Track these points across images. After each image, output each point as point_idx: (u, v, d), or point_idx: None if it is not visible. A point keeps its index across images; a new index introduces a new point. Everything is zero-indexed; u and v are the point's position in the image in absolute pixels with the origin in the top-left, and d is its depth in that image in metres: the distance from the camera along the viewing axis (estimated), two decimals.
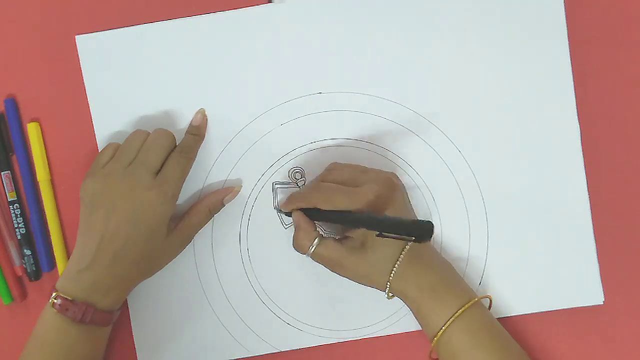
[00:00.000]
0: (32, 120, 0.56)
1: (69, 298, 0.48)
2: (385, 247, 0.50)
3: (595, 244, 0.56)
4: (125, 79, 0.56)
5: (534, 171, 0.55)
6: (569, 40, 0.55)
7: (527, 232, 0.55)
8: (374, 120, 0.56)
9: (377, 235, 0.46)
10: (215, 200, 0.54)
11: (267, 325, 0.56)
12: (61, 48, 0.56)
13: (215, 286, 0.56)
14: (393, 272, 0.49)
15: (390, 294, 0.51)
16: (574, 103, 0.55)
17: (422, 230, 0.44)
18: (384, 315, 0.56)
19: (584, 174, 0.56)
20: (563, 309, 0.55)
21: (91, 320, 0.48)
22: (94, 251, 0.48)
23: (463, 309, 0.49)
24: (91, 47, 0.56)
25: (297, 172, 0.56)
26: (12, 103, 0.56)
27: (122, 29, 0.55)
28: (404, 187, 0.54)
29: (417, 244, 0.45)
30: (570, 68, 0.55)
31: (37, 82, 0.56)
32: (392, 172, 0.53)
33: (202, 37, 0.55)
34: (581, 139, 0.56)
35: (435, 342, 0.49)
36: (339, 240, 0.51)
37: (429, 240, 0.44)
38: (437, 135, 0.55)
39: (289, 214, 0.54)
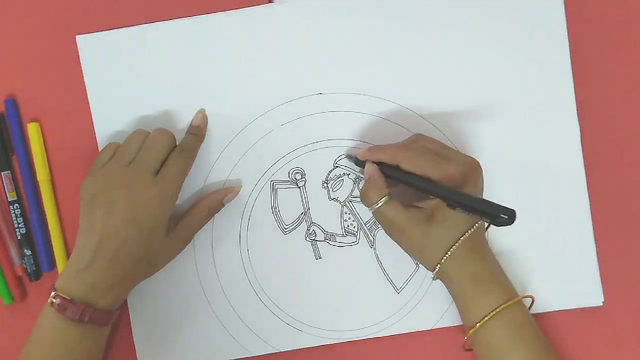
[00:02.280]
0: (32, 120, 0.56)
1: (68, 298, 0.48)
2: (447, 228, 0.49)
3: (595, 245, 0.56)
4: (125, 79, 0.56)
5: (534, 171, 0.55)
6: (569, 40, 0.55)
7: (527, 233, 0.55)
8: (374, 120, 0.56)
9: (452, 207, 0.46)
10: (215, 200, 0.54)
11: (266, 326, 0.56)
12: (62, 48, 0.56)
13: (215, 286, 0.56)
14: (449, 253, 0.49)
15: (436, 276, 0.50)
16: (574, 103, 0.55)
17: (507, 213, 0.43)
18: (383, 315, 0.56)
19: (584, 174, 0.56)
20: (563, 310, 0.55)
21: (90, 320, 0.48)
22: (94, 251, 0.48)
23: (507, 304, 0.49)
24: (92, 47, 0.56)
25: (297, 172, 0.56)
26: (13, 103, 0.56)
27: (122, 29, 0.56)
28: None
29: (478, 232, 0.46)
30: (570, 68, 0.55)
31: (37, 82, 0.56)
32: (475, 159, 0.51)
33: (203, 37, 0.55)
34: (581, 139, 0.56)
35: (472, 332, 0.50)
36: (406, 206, 0.50)
37: (510, 225, 0.44)
38: (437, 135, 0.55)
39: (359, 163, 0.53)
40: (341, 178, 0.56)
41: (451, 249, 0.49)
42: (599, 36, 0.56)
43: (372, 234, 0.56)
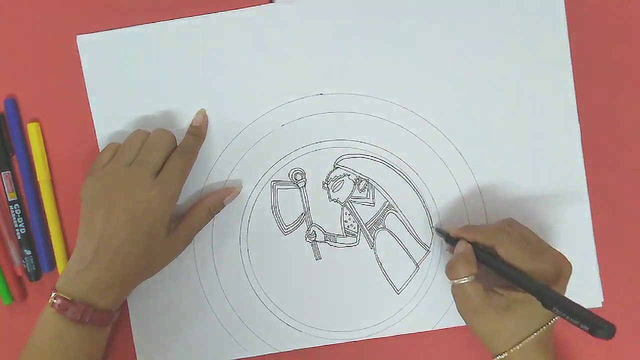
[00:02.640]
0: (33, 121, 0.56)
1: (68, 298, 0.48)
2: (524, 320, 0.48)
3: (595, 245, 0.56)
4: (126, 79, 0.56)
5: (534, 172, 0.55)
6: (569, 40, 0.55)
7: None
8: (374, 121, 0.56)
9: (547, 307, 0.45)
10: (215, 201, 0.54)
11: (266, 326, 0.56)
12: (62, 48, 0.56)
13: (215, 286, 0.56)
14: (519, 345, 0.48)
15: None
16: (574, 103, 0.55)
17: (607, 328, 0.42)
18: (383, 317, 0.56)
19: (584, 174, 0.56)
20: None
21: (90, 321, 0.48)
22: (94, 251, 0.48)
23: None
24: (92, 47, 0.56)
25: (297, 173, 0.56)
26: (13, 103, 0.56)
27: (123, 29, 0.55)
28: None
29: (549, 328, 0.46)
30: (571, 68, 0.55)
31: (37, 82, 0.56)
32: (566, 257, 0.50)
33: (203, 37, 0.55)
34: (581, 139, 0.56)
35: None
36: (487, 289, 0.49)
37: (608, 339, 0.42)
38: (437, 136, 0.55)
39: (449, 240, 0.53)
40: (341, 179, 0.56)
41: (523, 342, 0.48)
42: (599, 36, 0.56)
43: (372, 235, 0.56)
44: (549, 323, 0.49)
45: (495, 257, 0.49)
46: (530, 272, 0.47)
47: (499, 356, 0.49)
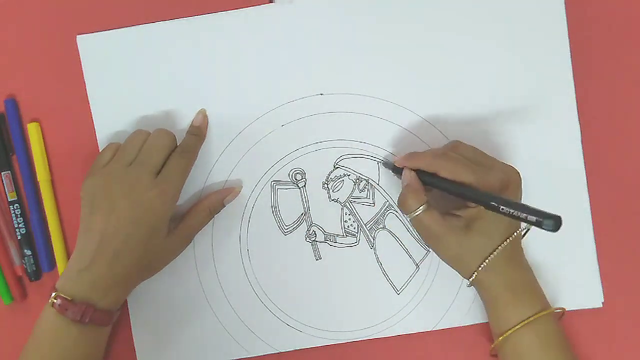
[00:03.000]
0: (33, 121, 0.56)
1: (69, 298, 0.48)
2: (485, 236, 0.49)
3: (595, 246, 0.56)
4: (126, 79, 0.56)
5: (534, 172, 0.55)
6: (569, 40, 0.55)
7: (527, 234, 0.55)
8: (374, 121, 0.56)
9: (495, 210, 0.45)
10: (215, 201, 0.54)
11: (266, 326, 0.56)
12: (62, 48, 0.56)
13: (215, 286, 0.56)
14: (486, 262, 0.49)
15: (470, 283, 0.50)
16: (575, 103, 0.55)
17: (554, 219, 0.43)
18: (383, 317, 0.56)
19: (585, 174, 0.56)
20: None
21: (90, 321, 0.48)
22: (94, 251, 0.48)
23: (539, 314, 0.49)
24: (92, 47, 0.56)
25: (297, 173, 0.56)
26: (13, 103, 0.56)
27: (123, 29, 0.55)
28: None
29: (514, 241, 0.47)
30: (571, 68, 0.55)
31: (37, 82, 0.56)
32: (514, 168, 0.51)
33: (204, 37, 0.55)
34: (582, 139, 0.56)
35: (501, 339, 0.49)
36: (443, 214, 0.50)
37: (555, 231, 0.43)
38: (437, 136, 0.55)
39: (396, 171, 0.53)
40: (342, 179, 0.56)
41: (488, 258, 0.49)
42: (599, 35, 0.56)
43: (372, 235, 0.56)
44: (513, 236, 0.49)
45: (440, 178, 0.49)
46: (476, 186, 0.48)
47: (470, 278, 0.49)
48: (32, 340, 0.49)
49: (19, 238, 0.56)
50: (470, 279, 0.50)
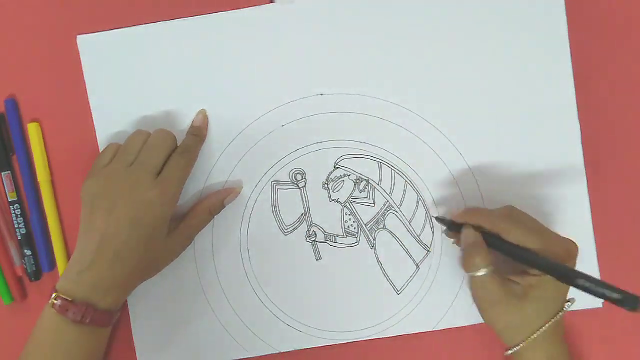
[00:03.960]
0: (33, 121, 0.56)
1: (69, 298, 0.48)
2: (540, 308, 0.47)
3: (595, 245, 0.56)
4: (126, 79, 0.56)
5: (534, 172, 0.55)
6: (569, 40, 0.55)
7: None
8: (374, 121, 0.56)
9: (569, 283, 0.44)
10: (215, 201, 0.54)
11: (266, 326, 0.56)
12: (62, 48, 0.56)
13: (215, 287, 0.56)
14: (535, 334, 0.47)
15: (510, 353, 0.49)
16: (575, 103, 0.55)
17: (632, 299, 0.42)
18: (383, 317, 0.56)
19: (585, 174, 0.56)
20: None
21: (91, 321, 0.48)
22: (94, 251, 0.48)
23: None
24: (92, 47, 0.56)
25: (297, 173, 0.56)
26: (13, 103, 0.56)
27: (123, 29, 0.55)
28: None
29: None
30: (571, 68, 0.55)
31: (37, 82, 0.56)
32: (572, 241, 0.49)
33: (204, 37, 0.55)
34: (582, 139, 0.56)
35: None
36: (503, 279, 0.48)
37: (635, 311, 0.42)
38: (437, 136, 0.55)
39: (452, 228, 0.52)
40: (342, 179, 0.56)
41: (539, 330, 0.47)
42: (599, 35, 0.56)
43: (373, 235, 0.56)
44: (563, 310, 0.48)
45: (504, 241, 0.48)
46: (541, 253, 0.47)
47: (515, 348, 0.48)
48: (32, 340, 0.49)
49: (19, 238, 0.56)
50: (512, 350, 0.48)
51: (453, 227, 0.52)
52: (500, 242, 0.48)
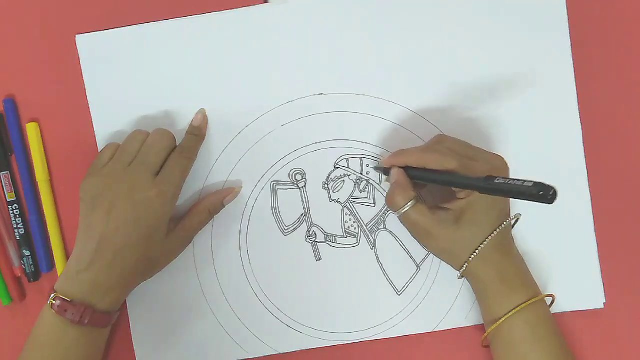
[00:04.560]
0: (31, 120, 0.56)
1: (68, 299, 0.48)
2: (474, 227, 0.49)
3: (596, 246, 0.55)
4: (125, 79, 0.55)
5: (535, 172, 0.55)
6: (570, 40, 0.55)
7: (527, 235, 0.55)
8: (374, 121, 0.55)
9: (488, 192, 0.44)
10: (215, 201, 0.54)
11: (266, 327, 0.56)
12: (61, 47, 0.56)
13: (215, 287, 0.56)
14: (476, 252, 0.49)
15: (461, 274, 0.50)
16: (576, 103, 0.55)
17: (547, 190, 0.41)
18: (384, 318, 0.56)
19: (586, 175, 0.55)
20: (563, 312, 0.55)
21: (90, 322, 0.48)
22: (93, 251, 0.48)
23: (530, 301, 0.49)
24: (91, 46, 0.55)
25: (297, 172, 0.56)
26: (11, 103, 0.56)
27: (122, 28, 0.55)
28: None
29: (504, 230, 0.48)
30: (572, 68, 0.55)
31: (36, 81, 0.56)
32: (500, 156, 0.51)
33: (203, 37, 0.55)
34: (583, 140, 0.55)
35: (492, 328, 0.50)
36: (432, 208, 0.50)
37: (551, 203, 0.41)
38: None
39: (386, 172, 0.53)
40: (342, 179, 0.56)
41: (478, 248, 0.49)
42: (600, 34, 0.56)
43: (373, 235, 0.56)
44: (502, 225, 0.49)
45: (427, 170, 0.49)
46: (461, 171, 0.48)
47: (461, 269, 0.50)
48: (31, 341, 0.49)
49: (17, 238, 0.56)
50: (461, 270, 0.50)
51: (386, 172, 0.53)
52: (424, 172, 0.49)
